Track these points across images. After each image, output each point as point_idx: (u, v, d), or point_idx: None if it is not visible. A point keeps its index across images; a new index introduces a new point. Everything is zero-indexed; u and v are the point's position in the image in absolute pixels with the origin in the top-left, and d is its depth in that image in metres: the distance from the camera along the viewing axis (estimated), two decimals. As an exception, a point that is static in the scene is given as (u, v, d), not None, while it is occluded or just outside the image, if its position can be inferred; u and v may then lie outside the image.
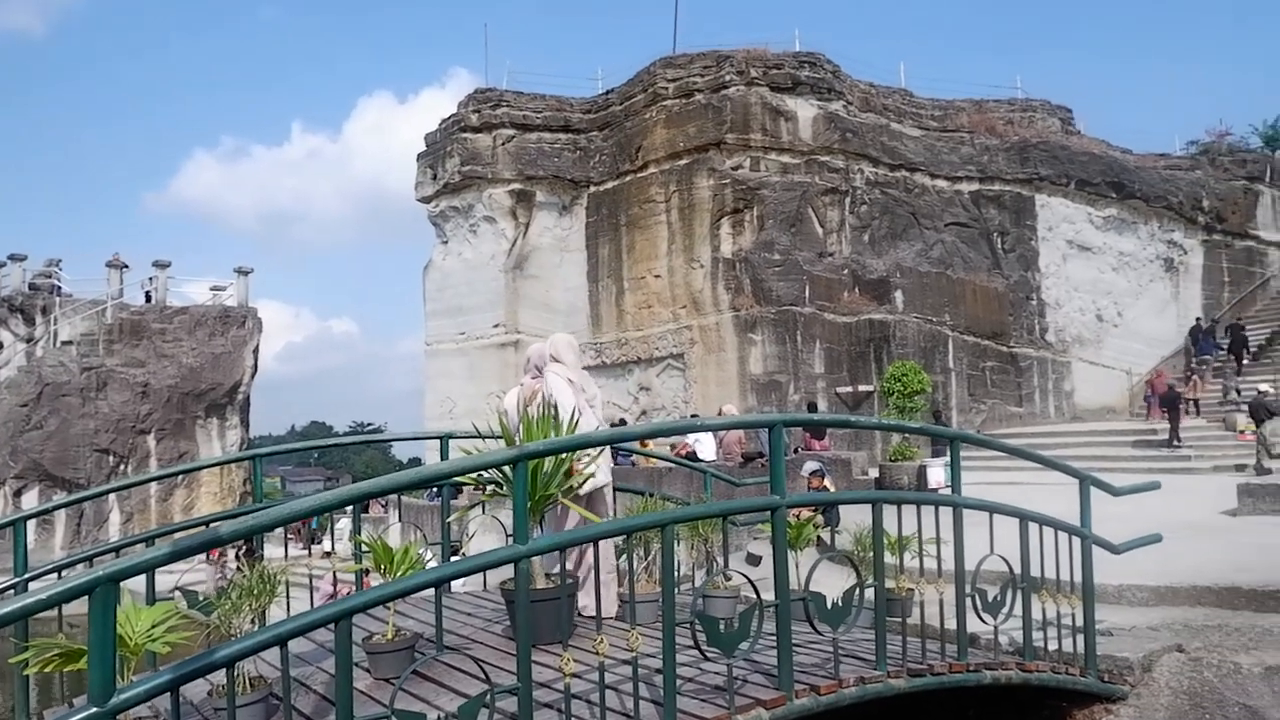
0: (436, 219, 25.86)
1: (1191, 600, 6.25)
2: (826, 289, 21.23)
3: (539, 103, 24.63)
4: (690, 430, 4.48)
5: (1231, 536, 8.59)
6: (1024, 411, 23.72)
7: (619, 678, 3.96)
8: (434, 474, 3.85)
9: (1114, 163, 26.26)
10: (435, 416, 24.43)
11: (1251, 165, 29.80)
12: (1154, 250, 27.09)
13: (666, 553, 3.73)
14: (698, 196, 21.84)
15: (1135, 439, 19.76)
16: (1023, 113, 26.98)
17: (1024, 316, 24.34)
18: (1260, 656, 5.12)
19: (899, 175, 23.28)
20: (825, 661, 4.33)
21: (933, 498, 5.31)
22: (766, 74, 22.16)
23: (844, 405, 20.09)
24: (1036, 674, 4.77)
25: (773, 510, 4.03)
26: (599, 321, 23.73)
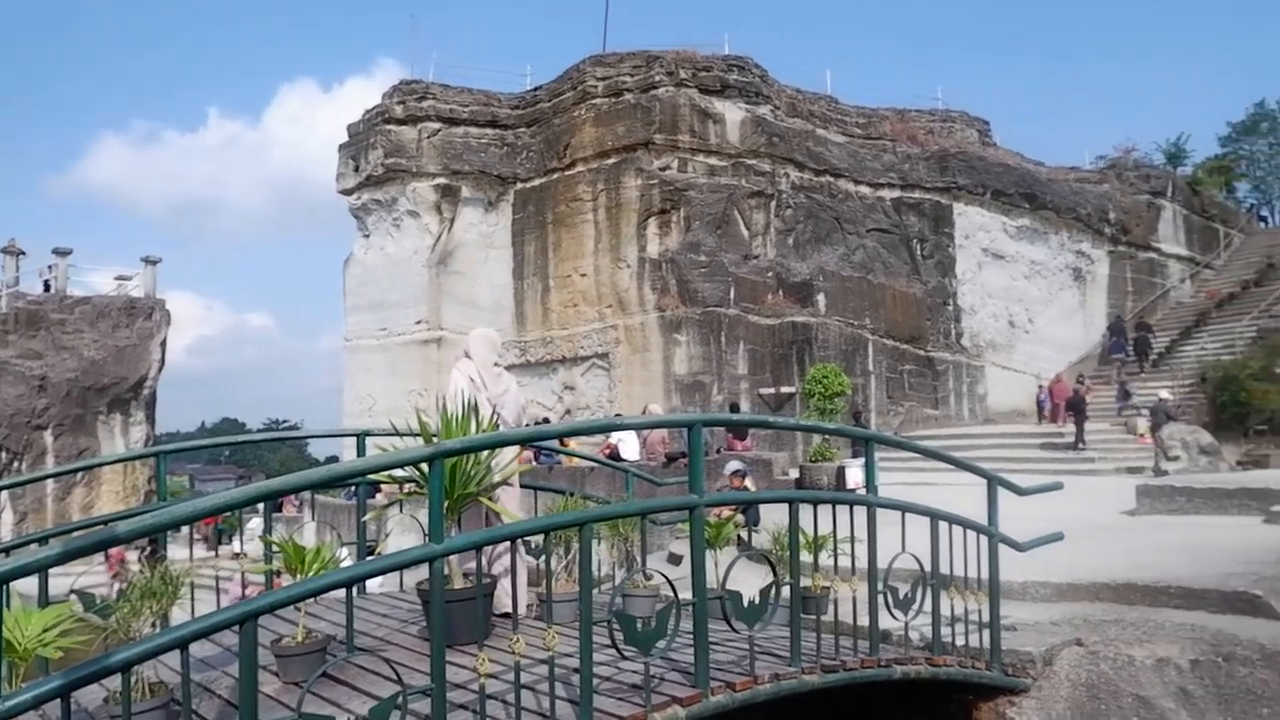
0: (358, 211, 25.30)
1: (1091, 596, 6.50)
2: (751, 291, 21.47)
3: (466, 97, 24.32)
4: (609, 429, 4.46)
5: (1130, 535, 8.98)
6: (940, 414, 24.39)
7: (536, 677, 3.93)
8: (347, 471, 3.75)
9: (1027, 174, 27.24)
10: (354, 414, 23.91)
11: (1155, 181, 31.26)
12: (1063, 260, 28.19)
13: (584, 551, 3.71)
14: (625, 196, 21.86)
15: (1043, 441, 20.51)
16: (943, 123, 27.78)
17: (941, 321, 25.04)
18: (1153, 649, 5.36)
19: (824, 180, 23.70)
20: (742, 659, 4.37)
21: (848, 497, 5.42)
22: (696, 76, 22.31)
23: (766, 406, 20.36)
24: (944, 668, 4.91)
25: (691, 509, 4.05)
26: (524, 319, 23.56)
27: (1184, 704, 5.06)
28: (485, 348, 5.82)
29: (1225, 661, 5.25)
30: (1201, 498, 10.25)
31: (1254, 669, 5.20)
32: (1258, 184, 42.59)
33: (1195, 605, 6.05)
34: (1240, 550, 7.41)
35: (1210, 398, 22.06)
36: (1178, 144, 35.96)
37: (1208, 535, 8.49)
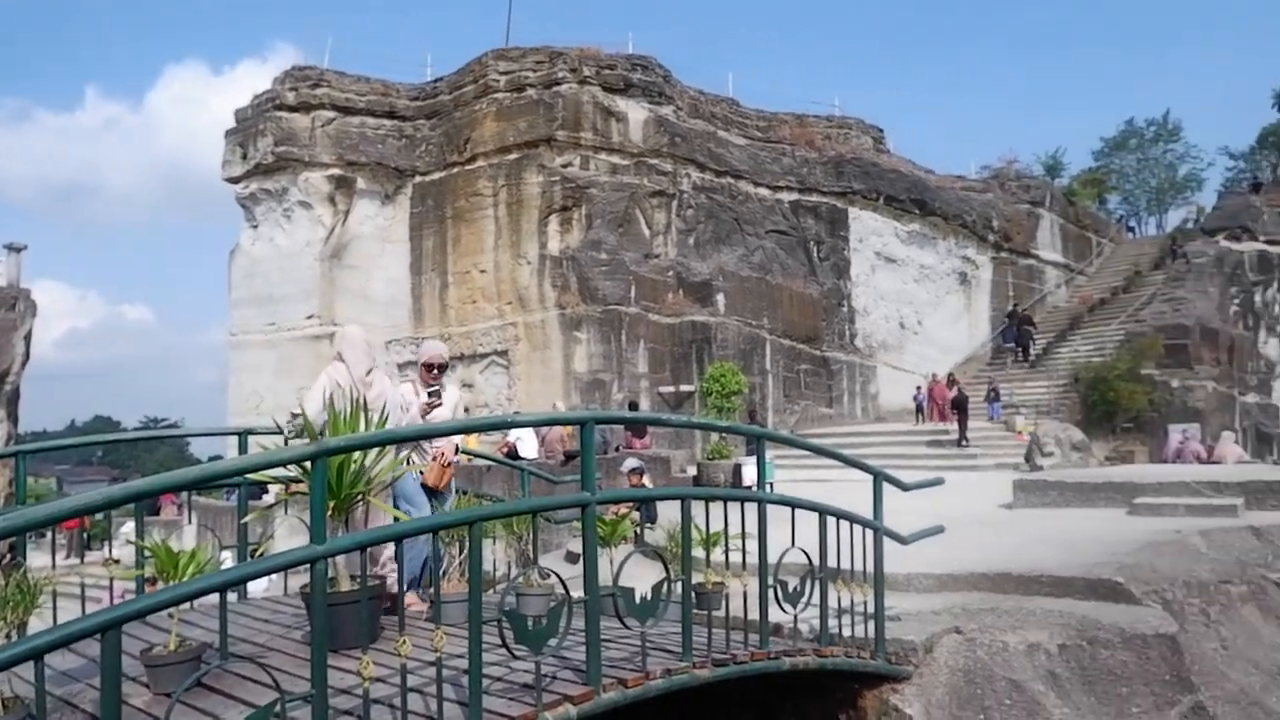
0: (246, 201, 24.31)
1: (970, 586, 6.78)
2: (652, 290, 21.61)
3: (363, 85, 23.67)
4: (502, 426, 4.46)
5: (1006, 528, 9.41)
6: (834, 412, 25.07)
7: (425, 680, 3.85)
8: (223, 470, 3.59)
9: (918, 182, 28.26)
10: (240, 412, 22.98)
11: (1035, 191, 32.88)
12: (950, 264, 29.38)
13: (474, 550, 3.66)
14: (526, 192, 21.69)
15: (929, 439, 21.31)
16: (839, 129, 28.55)
17: (836, 322, 25.74)
18: (1024, 635, 5.62)
19: (724, 181, 24.04)
20: (634, 655, 4.38)
21: (738, 494, 5.50)
22: (599, 74, 22.30)
23: (666, 404, 20.53)
24: (831, 659, 5.03)
25: (583, 507, 4.04)
26: (421, 315, 23.11)
27: (1052, 686, 5.33)
28: (359, 352, 5.71)
29: (1090, 645, 5.55)
30: (1072, 492, 10.83)
31: (1115, 651, 5.52)
32: (1126, 196, 45.34)
33: (1064, 593, 6.37)
34: (1106, 541, 7.85)
35: (1082, 397, 23.34)
36: (1055, 157, 38.02)
37: (1077, 527, 8.97)
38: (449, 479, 5.86)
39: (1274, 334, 29.66)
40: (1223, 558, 7.31)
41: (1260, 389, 28.28)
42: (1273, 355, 29.38)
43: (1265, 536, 7.86)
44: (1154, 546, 7.39)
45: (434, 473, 5.78)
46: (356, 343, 5.76)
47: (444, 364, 6.09)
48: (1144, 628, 5.66)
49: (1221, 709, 5.40)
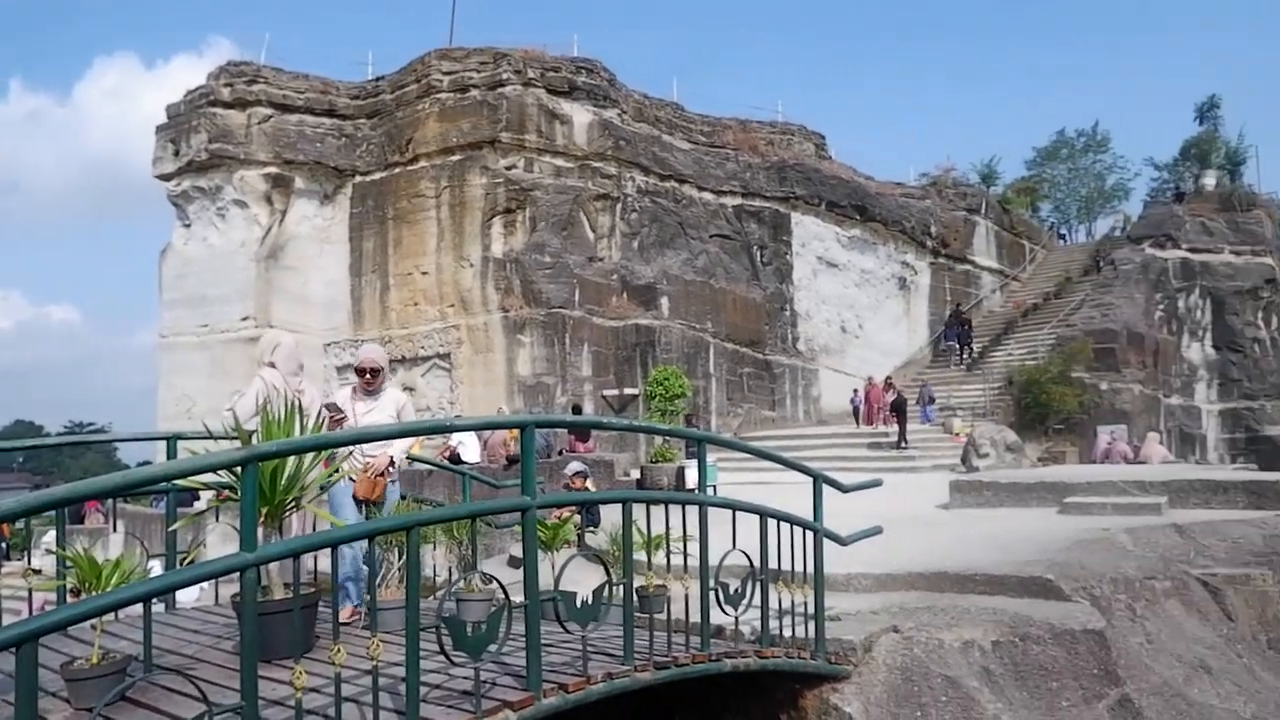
0: (178, 199, 23.63)
1: (907, 585, 6.89)
2: (596, 293, 21.58)
3: (302, 83, 23.21)
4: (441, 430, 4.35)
5: (943, 528, 9.59)
6: (776, 415, 25.32)
7: (362, 689, 3.77)
8: (148, 476, 3.47)
9: (859, 188, 28.72)
10: (171, 417, 22.30)
11: (971, 198, 33.65)
12: (890, 270, 29.91)
13: (412, 556, 3.60)
14: (470, 194, 21.50)
15: (870, 441, 21.65)
16: (782, 135, 28.88)
17: (778, 326, 26.01)
18: (960, 633, 5.73)
19: (669, 185, 24.13)
20: (576, 659, 4.36)
21: (679, 497, 5.51)
22: (544, 76, 22.21)
23: (610, 408, 20.50)
24: (772, 660, 5.06)
25: (523, 511, 4.01)
26: (361, 318, 22.73)
27: (986, 682, 5.44)
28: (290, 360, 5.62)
29: (1022, 641, 5.68)
30: (1006, 492, 11.09)
31: (1046, 646, 5.66)
32: (1058, 205, 46.64)
33: (997, 591, 6.52)
34: (1038, 539, 8.06)
35: (1016, 400, 23.94)
36: (990, 165, 38.83)
37: (1011, 526, 9.18)
38: (381, 490, 5.65)
39: (1196, 339, 30.79)
40: (1148, 555, 7.54)
41: (1183, 391, 29.36)
42: (1195, 359, 30.50)
43: (1188, 533, 8.13)
44: (1083, 544, 7.60)
45: (364, 484, 5.60)
46: (289, 349, 5.66)
47: (378, 368, 5.88)
48: (1073, 624, 5.81)
49: (1146, 701, 5.57)
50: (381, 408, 5.79)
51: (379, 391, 5.87)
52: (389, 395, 5.92)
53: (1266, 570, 7.43)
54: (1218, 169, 35.23)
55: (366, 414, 5.74)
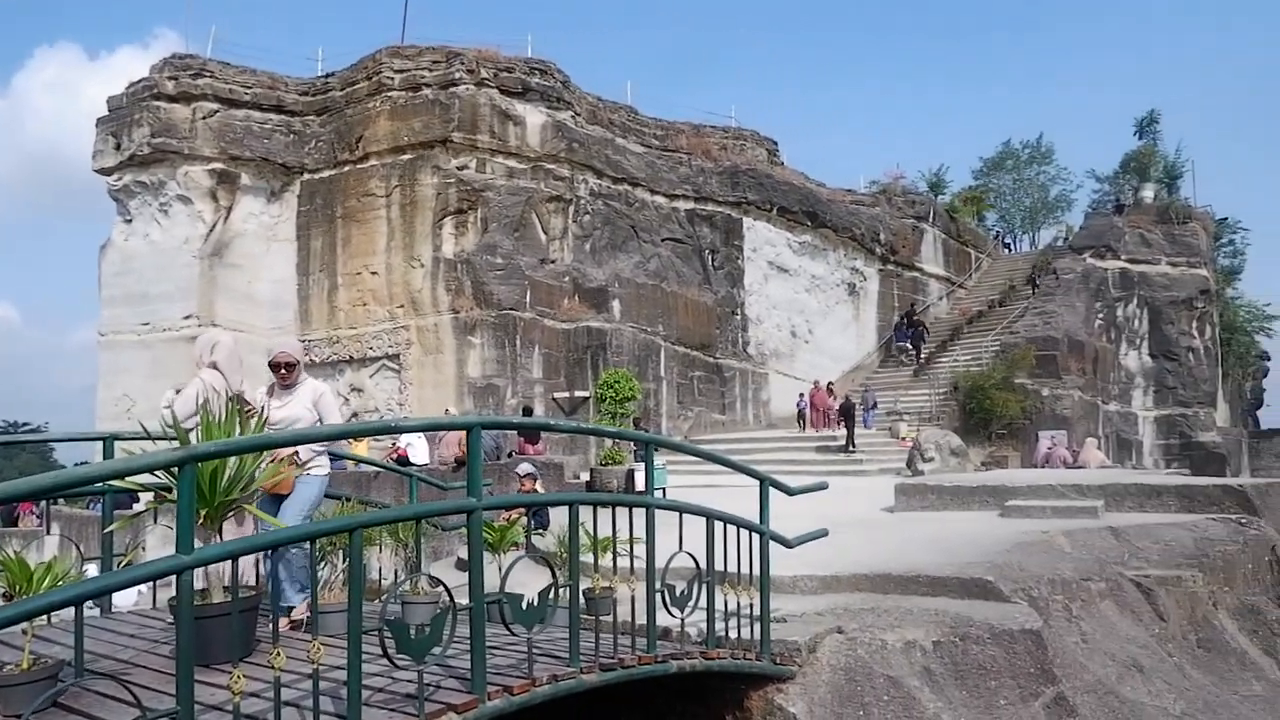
0: (119, 194, 23.02)
1: (852, 587, 6.99)
2: (547, 295, 21.53)
3: (249, 77, 22.78)
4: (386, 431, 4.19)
5: (888, 530, 9.73)
6: (727, 419, 25.49)
7: (303, 693, 3.71)
8: (80, 477, 3.38)
9: (810, 194, 29.06)
10: (110, 417, 21.70)
11: (919, 206, 34.23)
12: (840, 275, 30.30)
13: (354, 557, 3.55)
14: (421, 194, 21.30)
15: (818, 445, 21.91)
16: (735, 140, 29.10)
17: (729, 330, 26.19)
18: (902, 634, 5.83)
19: (621, 189, 24.16)
20: (521, 662, 4.34)
21: (626, 499, 5.52)
22: (497, 76, 22.10)
23: (561, 410, 20.46)
24: (718, 661, 5.10)
25: (469, 513, 3.98)
26: (308, 317, 22.37)
27: (927, 681, 5.54)
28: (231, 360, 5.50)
29: (962, 641, 5.80)
30: (949, 495, 11.29)
31: (985, 646, 5.78)
32: (1003, 214, 47.64)
33: (939, 592, 6.64)
34: (979, 542, 8.22)
35: (961, 405, 24.42)
36: (938, 174, 39.53)
37: (954, 529, 9.36)
38: (288, 484, 5.34)
39: (1133, 347, 31.70)
40: (1084, 557, 7.75)
41: (1121, 398, 30.20)
42: (1132, 367, 31.40)
43: (1123, 536, 8.36)
44: (1022, 547, 7.78)
45: (266, 474, 5.34)
46: (228, 349, 5.54)
47: (292, 362, 5.62)
48: (1012, 624, 5.95)
49: (1081, 699, 5.72)
50: (296, 401, 5.58)
51: (295, 386, 5.65)
52: (306, 387, 5.69)
53: (1197, 572, 7.69)
54: (1156, 182, 36.28)
55: (280, 409, 5.54)
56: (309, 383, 5.76)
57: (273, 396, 5.63)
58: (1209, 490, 9.94)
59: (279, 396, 5.63)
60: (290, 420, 5.47)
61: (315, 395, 5.66)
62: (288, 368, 5.60)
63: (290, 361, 5.61)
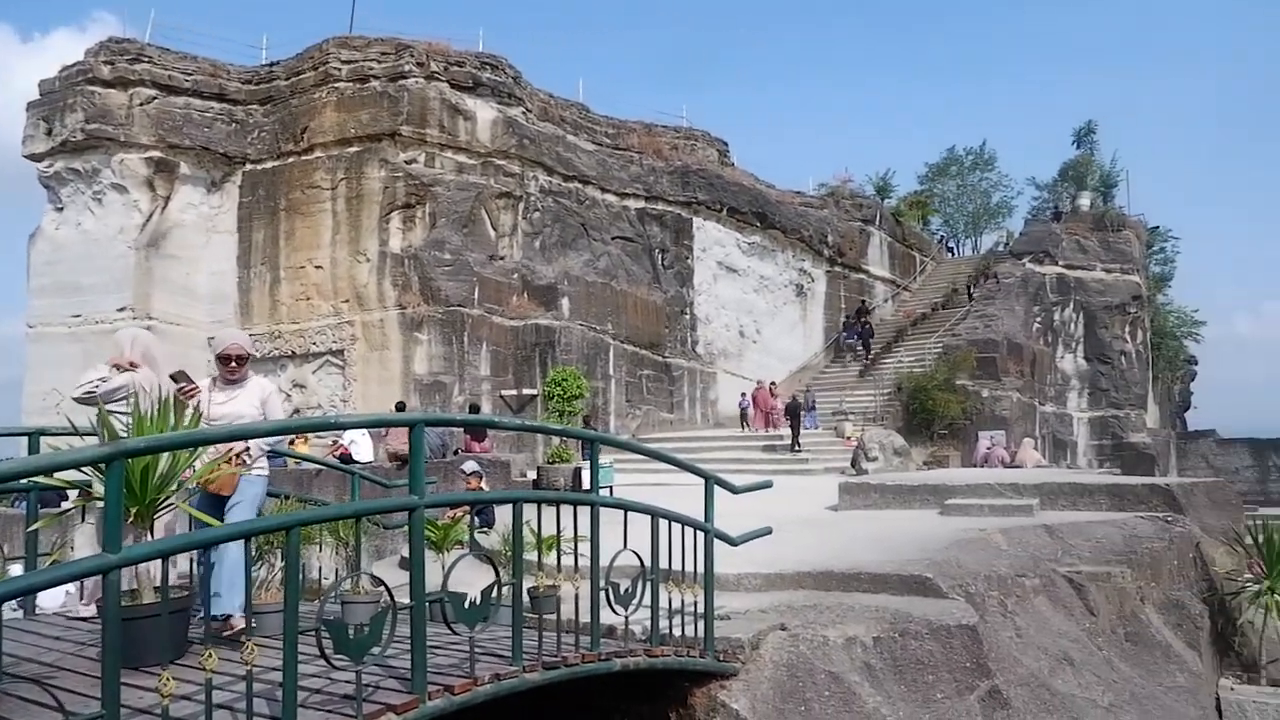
0: (50, 181, 22.22)
1: (795, 585, 7.06)
2: (496, 292, 21.36)
3: (189, 64, 22.17)
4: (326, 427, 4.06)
5: (832, 528, 9.86)
6: (675, 417, 25.57)
7: (237, 695, 3.63)
8: (4, 473, 3.26)
9: (760, 195, 29.28)
10: (37, 411, 20.91)
11: (866, 209, 34.72)
12: (788, 276, 30.60)
13: (291, 556, 3.48)
14: (368, 187, 20.97)
15: (765, 444, 22.08)
16: (686, 140, 29.20)
17: (678, 329, 26.27)
18: (843, 630, 5.91)
19: (572, 186, 24.08)
20: (463, 661, 4.31)
21: (571, 497, 5.51)
22: (447, 70, 21.86)
23: (508, 408, 20.31)
24: (662, 659, 5.11)
25: (411, 510, 3.93)
26: (249, 311, 21.88)
27: (867, 676, 5.62)
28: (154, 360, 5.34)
29: (901, 636, 5.90)
30: (892, 494, 11.47)
31: (923, 641, 5.89)
32: (947, 219, 48.55)
33: (880, 589, 6.75)
34: (919, 539, 8.37)
35: (904, 405, 24.85)
36: (885, 178, 40.15)
37: (895, 527, 9.51)
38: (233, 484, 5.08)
39: (1069, 350, 32.58)
40: (1020, 554, 7.93)
41: (1057, 400, 31.03)
42: (1068, 369, 32.27)
43: (1056, 534, 8.58)
44: (961, 544, 7.94)
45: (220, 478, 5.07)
46: (147, 344, 5.39)
47: (244, 355, 5.37)
48: (949, 619, 6.06)
49: (1014, 691, 5.86)
50: (243, 399, 5.30)
51: (241, 381, 5.37)
52: (253, 384, 5.43)
53: (1126, 568, 7.93)
54: (1093, 191, 37.34)
55: (225, 404, 5.24)
56: (255, 380, 5.50)
57: (216, 390, 5.34)
58: (1138, 489, 10.25)
59: (223, 390, 5.34)
60: (234, 418, 5.21)
61: (263, 394, 5.41)
62: (239, 360, 5.34)
63: (242, 354, 5.37)
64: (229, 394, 5.30)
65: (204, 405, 5.18)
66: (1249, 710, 7.69)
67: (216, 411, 5.21)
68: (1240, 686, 8.03)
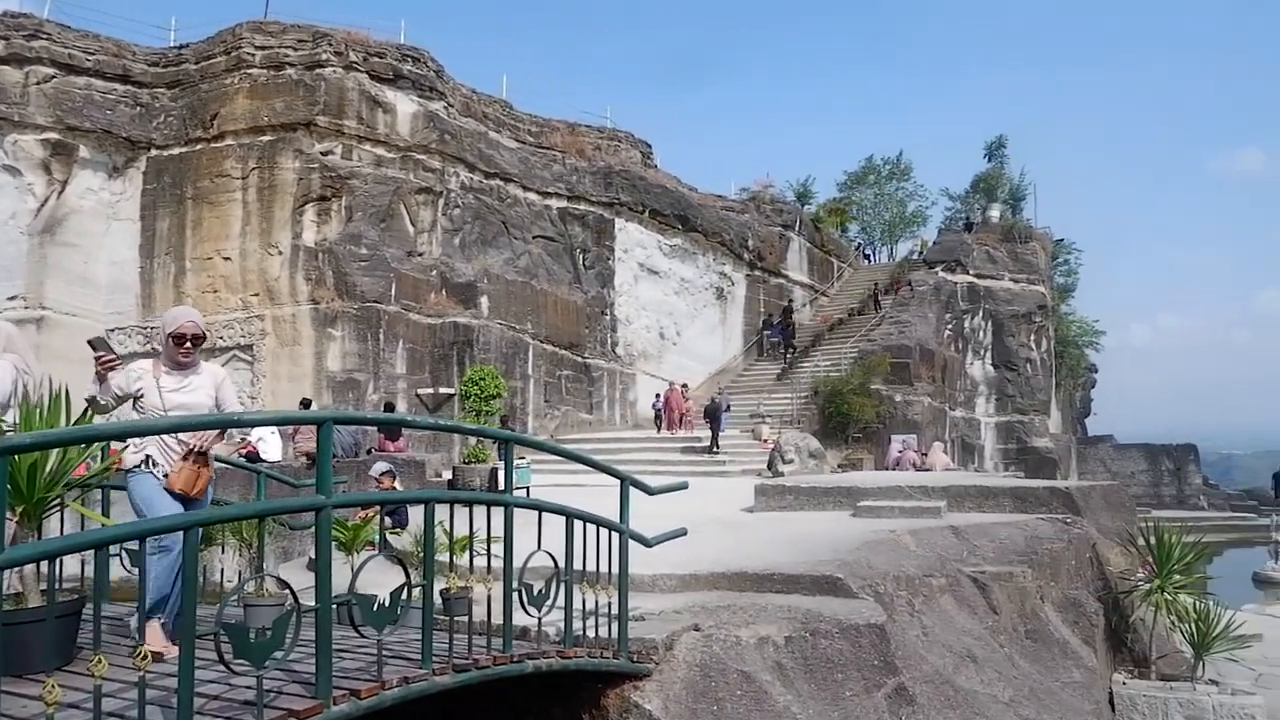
0: (-65, 161, 21.01)
1: (710, 585, 7.10)
2: (414, 288, 21.00)
3: (92, 43, 21.18)
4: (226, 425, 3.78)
5: (747, 529, 9.96)
6: (594, 418, 25.54)
7: (130, 702, 3.47)
8: None
9: (682, 198, 29.48)
10: (-80, 404, 19.75)
11: (786, 215, 35.28)
12: (709, 279, 30.88)
13: (189, 557, 3.34)
14: (281, 178, 20.36)
15: (683, 445, 22.23)
16: (610, 141, 29.20)
17: (598, 330, 26.24)
18: (756, 630, 5.97)
19: (494, 184, 23.83)
20: (371, 664, 4.20)
21: (484, 497, 5.44)
22: (367, 60, 21.39)
23: (424, 407, 19.96)
24: (575, 660, 5.07)
25: (318, 510, 3.82)
26: (151, 302, 21.00)
27: (778, 675, 5.69)
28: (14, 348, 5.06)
29: (812, 636, 5.99)
30: (806, 496, 11.66)
31: (833, 640, 5.99)
32: (865, 226, 49.70)
33: (793, 589, 6.84)
34: (831, 540, 8.52)
35: (821, 409, 25.31)
36: (805, 185, 40.81)
37: (809, 529, 9.66)
38: (206, 483, 4.62)
39: (978, 357, 33.70)
40: (927, 554, 8.14)
41: (966, 405, 32.06)
42: (977, 376, 33.38)
43: (962, 535, 8.85)
44: (871, 545, 8.11)
45: (184, 475, 4.55)
46: (14, 336, 5.09)
47: (199, 335, 4.83)
48: (858, 619, 6.18)
49: (919, 689, 6.01)
50: (199, 388, 4.81)
51: (195, 366, 4.83)
52: (206, 371, 4.90)
53: (1027, 568, 8.22)
54: (1002, 203, 38.68)
55: (178, 393, 4.72)
56: (208, 367, 4.98)
57: (161, 374, 4.77)
58: (1039, 492, 10.65)
59: (172, 375, 4.78)
60: (194, 408, 4.72)
61: (217, 382, 4.90)
62: (194, 341, 4.79)
63: (198, 334, 4.81)
64: (182, 381, 4.78)
65: (149, 392, 4.71)
66: (1139, 704, 8.07)
67: (172, 400, 4.71)
68: (1132, 681, 8.41)
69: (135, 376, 4.73)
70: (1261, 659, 10.33)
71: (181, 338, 4.74)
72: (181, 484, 4.53)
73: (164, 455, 4.65)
